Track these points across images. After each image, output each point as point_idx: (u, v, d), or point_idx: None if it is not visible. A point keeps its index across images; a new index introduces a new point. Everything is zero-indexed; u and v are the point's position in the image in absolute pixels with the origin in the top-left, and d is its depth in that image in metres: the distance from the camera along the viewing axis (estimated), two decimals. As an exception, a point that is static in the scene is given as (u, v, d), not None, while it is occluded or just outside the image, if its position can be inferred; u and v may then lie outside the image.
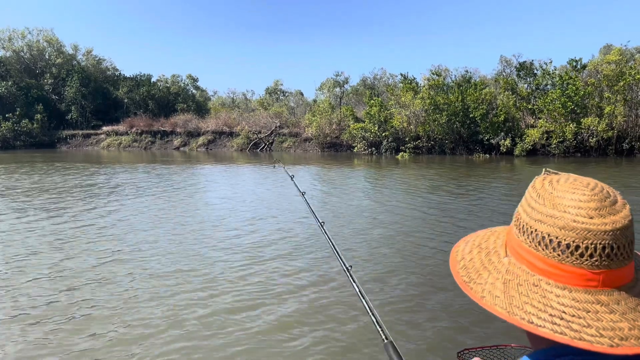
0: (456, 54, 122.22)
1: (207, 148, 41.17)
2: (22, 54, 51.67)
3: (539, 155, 28.57)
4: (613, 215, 0.82)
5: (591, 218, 0.81)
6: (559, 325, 0.79)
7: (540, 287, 0.84)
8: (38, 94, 47.83)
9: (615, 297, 0.81)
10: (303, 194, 2.60)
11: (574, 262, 0.81)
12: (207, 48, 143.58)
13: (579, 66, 28.90)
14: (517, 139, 29.10)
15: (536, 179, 0.92)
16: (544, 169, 0.94)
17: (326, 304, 6.19)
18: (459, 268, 0.96)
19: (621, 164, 23.68)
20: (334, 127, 36.55)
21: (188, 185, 18.23)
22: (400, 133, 32.59)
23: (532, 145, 28.41)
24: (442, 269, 7.51)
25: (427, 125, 31.39)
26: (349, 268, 1.98)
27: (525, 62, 31.47)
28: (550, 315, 0.80)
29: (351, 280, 1.84)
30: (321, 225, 2.36)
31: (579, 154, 27.84)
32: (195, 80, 57.29)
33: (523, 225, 0.88)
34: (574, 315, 0.79)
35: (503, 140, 29.06)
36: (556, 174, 0.93)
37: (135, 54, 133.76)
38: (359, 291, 1.75)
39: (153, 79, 54.35)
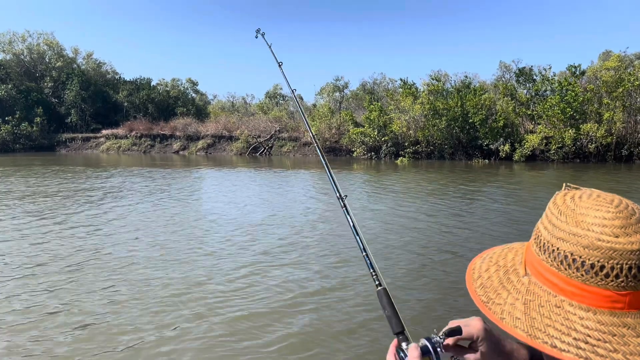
0: (456, 59, 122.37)
1: (206, 152, 41.18)
2: (23, 57, 51.69)
3: (538, 160, 28.60)
4: (639, 234, 0.78)
5: (617, 237, 0.77)
6: (584, 350, 0.75)
7: (563, 309, 0.80)
8: (38, 97, 47.83)
9: None
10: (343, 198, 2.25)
11: (599, 283, 0.78)
12: (207, 52, 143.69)
13: (578, 72, 28.98)
14: (516, 144, 29.14)
15: (557, 194, 0.89)
16: (564, 184, 0.91)
17: (343, 313, 6.18)
18: (477, 287, 0.93)
19: (620, 170, 23.72)
20: (333, 131, 36.58)
21: (187, 189, 18.23)
22: (399, 138, 32.62)
23: (531, 151, 28.45)
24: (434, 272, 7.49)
25: (427, 130, 31.43)
26: (344, 198, 1.84)
27: (524, 67, 31.58)
28: (575, 339, 0.77)
29: (345, 212, 1.69)
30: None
31: (578, 160, 27.88)
32: (195, 84, 57.35)
33: (544, 244, 0.85)
34: (599, 339, 0.76)
35: (502, 146, 29.10)
36: (577, 189, 0.89)
37: (135, 58, 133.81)
38: (353, 226, 1.60)
39: (153, 83, 54.39)
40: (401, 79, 35.03)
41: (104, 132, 46.22)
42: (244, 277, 7.47)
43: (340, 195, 1.88)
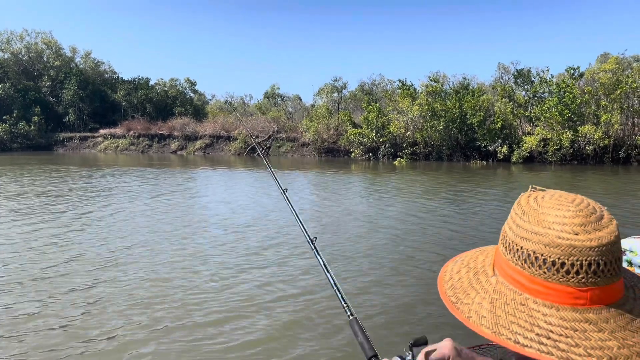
0: (454, 60, 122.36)
1: (204, 152, 41.12)
2: (20, 56, 51.58)
3: (535, 162, 28.60)
4: (599, 231, 0.80)
5: (576, 234, 0.79)
6: (546, 345, 0.77)
7: (527, 306, 0.82)
8: (35, 96, 47.71)
9: (604, 315, 0.79)
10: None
11: (561, 280, 0.80)
12: (206, 52, 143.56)
13: (576, 74, 29.00)
14: (514, 146, 29.13)
15: (522, 196, 0.91)
16: (530, 186, 0.92)
17: (311, 313, 6.14)
18: (447, 288, 0.95)
19: (617, 172, 23.72)
20: (331, 132, 36.55)
21: (181, 190, 18.18)
22: (397, 139, 32.60)
23: (529, 153, 28.44)
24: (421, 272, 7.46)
25: (425, 132, 31.41)
26: (313, 240, 1.93)
27: (522, 69, 31.56)
28: (537, 334, 0.78)
29: (315, 253, 1.80)
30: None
31: (576, 162, 27.88)
32: (193, 83, 57.26)
33: (509, 244, 0.87)
34: (561, 335, 0.77)
35: (500, 147, 29.09)
36: (542, 190, 0.91)
37: (133, 57, 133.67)
38: (323, 264, 1.70)
39: (151, 82, 54.28)
40: (399, 80, 35.04)
41: (102, 131, 46.13)
42: (225, 279, 7.42)
43: (310, 238, 1.95)
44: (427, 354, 1.03)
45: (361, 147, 33.65)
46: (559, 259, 0.79)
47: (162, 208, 13.81)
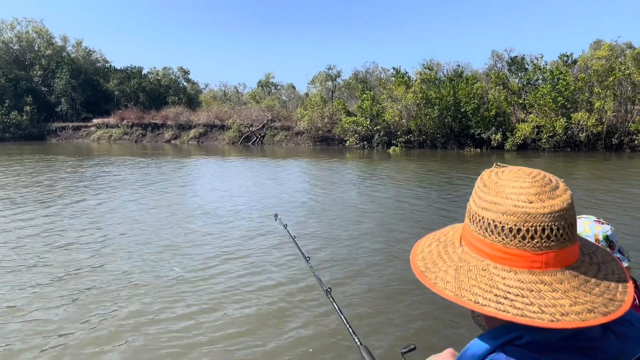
0: (448, 48, 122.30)
1: (198, 141, 41.00)
2: (11, 45, 51.05)
3: (529, 149, 28.70)
4: (552, 200, 0.87)
5: (531, 202, 0.86)
6: (503, 304, 0.83)
7: (488, 271, 0.88)
8: (27, 86, 47.30)
9: (558, 277, 0.85)
10: (307, 259, 2.34)
11: (518, 245, 0.86)
12: (199, 40, 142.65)
13: (569, 61, 29.02)
14: (507, 133, 29.20)
15: (484, 172, 0.97)
16: (494, 163, 0.98)
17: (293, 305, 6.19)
18: (418, 260, 1.01)
19: (610, 159, 23.85)
20: (325, 120, 36.49)
21: (175, 178, 18.16)
22: (392, 127, 32.59)
23: (522, 140, 28.52)
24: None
25: (419, 119, 31.41)
26: (329, 290, 2.11)
27: (516, 57, 31.54)
28: (496, 295, 0.85)
29: (331, 300, 2.01)
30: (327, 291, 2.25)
31: (569, 149, 28.00)
32: (186, 72, 56.93)
33: (473, 215, 0.94)
34: (517, 295, 0.84)
35: (494, 135, 29.15)
36: (505, 166, 0.97)
37: (125, 46, 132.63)
38: (338, 309, 1.93)
39: (144, 71, 53.95)
40: (394, 68, 34.95)
41: (95, 121, 45.85)
42: (203, 269, 7.44)
43: (325, 289, 2.19)
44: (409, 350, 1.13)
45: (355, 135, 33.62)
46: (515, 225, 0.86)
47: (153, 197, 13.78)
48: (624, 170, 19.59)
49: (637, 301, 2.23)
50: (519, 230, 0.85)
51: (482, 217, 0.90)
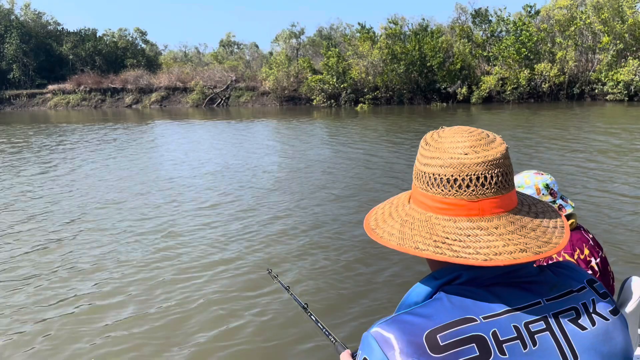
0: (413, 2, 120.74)
1: (160, 105, 39.83)
2: (-48, 8, 47.79)
3: (494, 102, 29.03)
4: (486, 151, 0.92)
5: (466, 154, 0.92)
6: (441, 247, 0.89)
7: (429, 222, 0.94)
8: (-26, 52, 44.68)
9: (494, 222, 0.91)
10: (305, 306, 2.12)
11: (455, 195, 0.92)
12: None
13: (533, 12, 29.10)
14: (473, 86, 29.40)
15: (427, 133, 1.02)
16: (440, 127, 1.03)
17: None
18: (371, 220, 1.06)
19: (572, 108, 24.37)
20: (291, 80, 35.88)
21: (139, 144, 17.68)
22: (358, 84, 32.34)
23: (487, 93, 28.80)
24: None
25: (385, 76, 31.23)
26: (306, 306, 2.16)
27: (480, 9, 31.46)
28: (435, 241, 0.91)
29: (294, 298, 2.15)
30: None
31: (532, 100, 28.46)
32: (143, 33, 54.60)
33: (417, 172, 0.99)
34: (455, 240, 0.90)
35: (460, 89, 29.31)
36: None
37: (77, 7, 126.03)
38: (304, 307, 2.01)
39: (99, 34, 51.47)
40: (359, 24, 34.40)
41: (50, 87, 43.81)
42: (179, 235, 7.34)
43: (303, 306, 2.24)
44: None
45: (322, 94, 33.26)
46: (452, 176, 0.91)
47: (117, 166, 13.40)
48: (588, 118, 20.04)
49: (591, 242, 2.32)
50: (455, 180, 0.91)
51: (424, 172, 0.96)
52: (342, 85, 32.39)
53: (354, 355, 1.32)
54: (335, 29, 47.51)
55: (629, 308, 1.85)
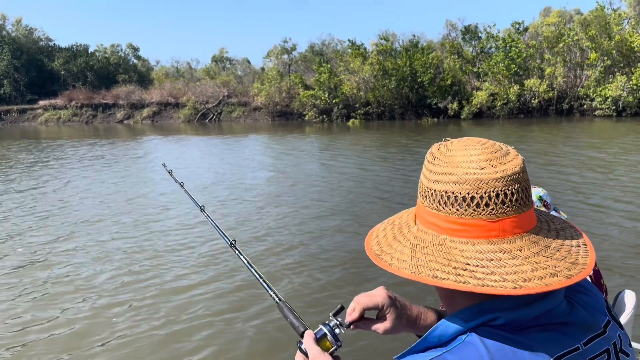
0: (403, 18, 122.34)
1: (152, 120, 39.77)
2: (-57, 24, 47.72)
3: (484, 117, 29.27)
4: (504, 165, 0.84)
5: (482, 169, 0.83)
6: (463, 275, 0.80)
7: (444, 246, 0.84)
8: (-35, 68, 44.52)
9: (517, 244, 0.82)
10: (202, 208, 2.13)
11: (472, 215, 0.82)
12: (147, 15, 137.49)
13: (521, 29, 29.53)
14: (464, 102, 29.65)
15: (433, 146, 0.94)
16: (443, 138, 0.95)
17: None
18: (373, 245, 0.97)
19: (561, 123, 24.60)
20: (283, 95, 36.02)
21: (130, 160, 17.58)
22: (350, 100, 32.52)
23: (478, 108, 29.04)
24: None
25: (377, 91, 31.44)
26: (234, 242, 1.89)
27: (470, 25, 31.87)
28: (454, 267, 0.81)
29: (238, 253, 1.78)
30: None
31: (522, 115, 28.72)
32: (136, 49, 54.90)
33: (424, 190, 0.89)
34: (477, 265, 0.80)
35: (450, 104, 29.54)
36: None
37: (69, 23, 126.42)
38: (247, 262, 1.72)
39: (91, 49, 51.65)
40: (349, 40, 34.70)
41: (41, 102, 43.66)
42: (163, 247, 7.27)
43: (230, 241, 1.89)
44: (339, 311, 1.08)
45: (314, 109, 33.40)
46: (468, 193, 0.82)
47: (104, 182, 13.31)
48: (575, 133, 20.22)
49: (596, 266, 2.29)
50: (472, 198, 0.82)
51: (434, 190, 0.86)
52: (334, 101, 32.55)
53: (318, 338, 1.06)
54: (327, 45, 47.93)
55: (622, 321, 1.84)
